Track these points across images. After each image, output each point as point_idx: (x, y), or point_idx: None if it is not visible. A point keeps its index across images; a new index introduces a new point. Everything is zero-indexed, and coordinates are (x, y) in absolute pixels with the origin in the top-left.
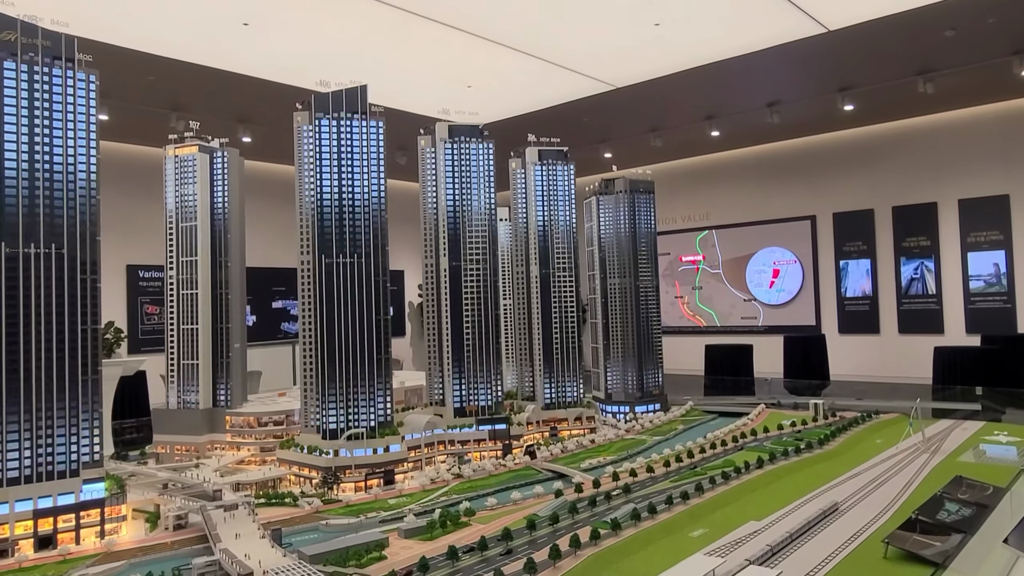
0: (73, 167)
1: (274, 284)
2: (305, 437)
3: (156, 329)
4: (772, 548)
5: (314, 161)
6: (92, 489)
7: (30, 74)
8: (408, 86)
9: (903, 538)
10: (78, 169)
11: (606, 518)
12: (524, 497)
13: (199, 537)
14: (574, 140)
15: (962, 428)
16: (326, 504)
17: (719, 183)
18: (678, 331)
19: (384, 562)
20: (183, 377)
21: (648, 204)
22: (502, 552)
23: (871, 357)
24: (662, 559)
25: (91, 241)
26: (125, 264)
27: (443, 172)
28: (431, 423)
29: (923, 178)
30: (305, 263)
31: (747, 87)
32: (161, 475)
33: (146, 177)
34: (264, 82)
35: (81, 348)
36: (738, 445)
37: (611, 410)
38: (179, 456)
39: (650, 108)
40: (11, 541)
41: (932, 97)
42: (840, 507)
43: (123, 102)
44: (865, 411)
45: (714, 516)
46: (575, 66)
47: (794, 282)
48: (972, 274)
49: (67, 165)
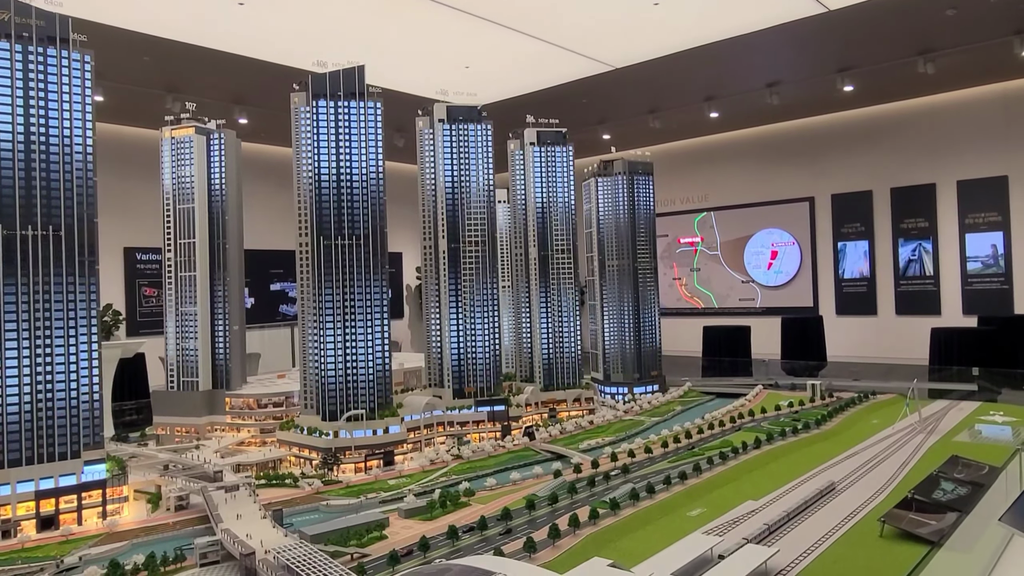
0: (70, 148)
1: (271, 266)
2: (305, 418)
3: (154, 311)
4: (770, 527)
5: (312, 142)
6: (93, 470)
7: (24, 54)
8: (404, 67)
9: (899, 517)
10: (75, 150)
11: (605, 498)
12: (523, 478)
13: (200, 518)
14: (573, 122)
15: (958, 408)
16: (326, 485)
17: (717, 165)
18: (676, 313)
19: (385, 542)
20: (182, 359)
21: (647, 186)
22: (502, 531)
23: (868, 338)
24: (660, 538)
25: (89, 223)
26: (122, 247)
27: (442, 153)
28: (430, 404)
29: (922, 159)
30: (304, 245)
31: (747, 67)
32: (162, 456)
33: (141, 159)
34: (260, 63)
35: (80, 329)
36: (736, 426)
37: (609, 391)
38: (179, 438)
39: (649, 89)
40: (13, 522)
41: (932, 77)
42: (837, 487)
43: (117, 83)
44: (862, 391)
45: (712, 496)
46: (574, 46)
47: (792, 264)
48: (970, 255)
49: (63, 146)
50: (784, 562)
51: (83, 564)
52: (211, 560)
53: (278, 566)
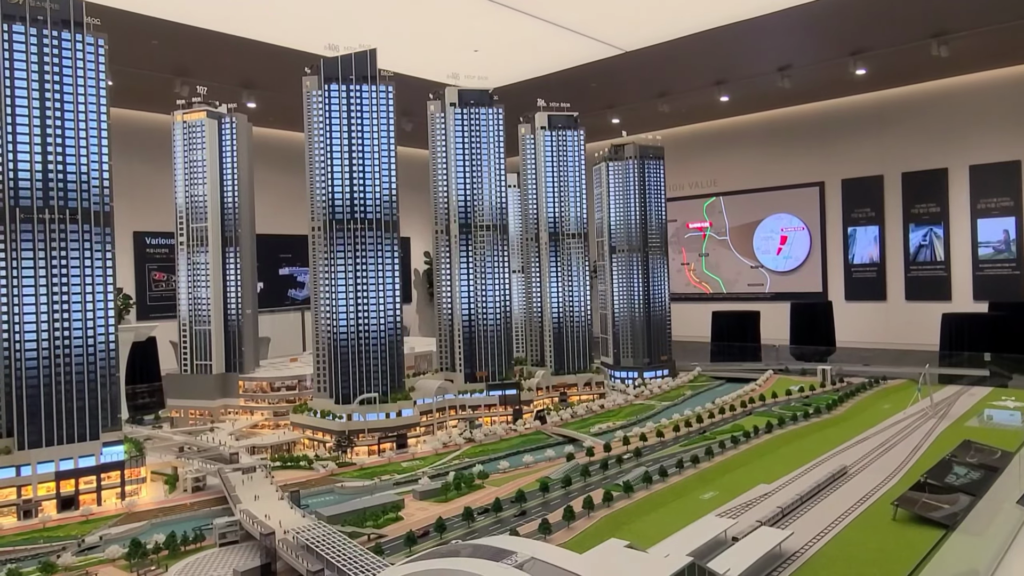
0: (84, 131)
1: (280, 251)
2: (318, 402)
3: (164, 296)
4: (783, 510)
5: (324, 127)
6: (112, 451)
7: (39, 38)
8: (413, 50)
9: (912, 500)
10: (89, 133)
11: (618, 481)
12: (536, 461)
13: (217, 499)
14: (582, 106)
15: (970, 394)
16: (341, 467)
17: (727, 149)
18: (684, 298)
19: (400, 523)
20: (195, 342)
21: (658, 170)
22: (516, 513)
23: (878, 324)
24: (674, 520)
25: (103, 206)
26: (132, 231)
27: (453, 137)
28: (442, 388)
29: (934, 144)
30: (316, 230)
31: (758, 51)
32: (177, 439)
33: (150, 144)
34: (269, 46)
35: (98, 312)
36: (746, 410)
37: (620, 376)
38: (193, 420)
39: (659, 73)
40: (35, 502)
41: (946, 61)
42: (849, 471)
43: (126, 67)
44: (872, 377)
45: (724, 479)
46: (583, 29)
47: (801, 249)
48: (981, 241)
49: (78, 129)
50: (797, 544)
51: (104, 543)
52: (230, 540)
53: (298, 546)
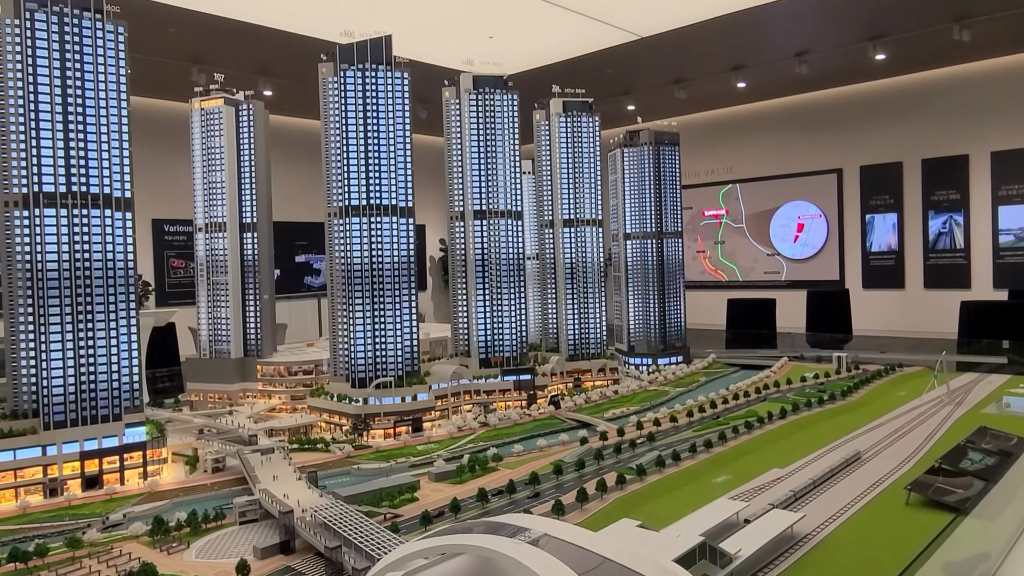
0: (106, 117)
1: (296, 238)
2: (335, 386)
3: (183, 283)
4: (796, 493)
5: (340, 113)
6: (134, 432)
7: (60, 25)
8: (427, 37)
9: (926, 485)
10: (110, 119)
11: (631, 464)
12: (550, 444)
13: (237, 479)
14: (597, 92)
15: (987, 381)
16: (357, 450)
17: (743, 136)
18: (700, 285)
19: (416, 503)
20: (213, 327)
21: (673, 156)
22: (530, 495)
23: (895, 312)
24: (687, 503)
25: (124, 192)
26: (150, 218)
27: (468, 123)
28: (457, 373)
29: (955, 130)
30: (333, 216)
31: (775, 36)
32: (197, 421)
33: (167, 131)
34: (285, 34)
35: (120, 297)
36: (761, 396)
37: (634, 362)
38: (212, 403)
39: (675, 58)
40: (60, 481)
41: (967, 45)
42: (863, 456)
43: (143, 54)
44: (888, 364)
45: (737, 464)
46: (598, 15)
47: (818, 236)
48: (1002, 228)
49: (99, 116)
50: (810, 527)
51: (127, 520)
52: (250, 518)
53: (316, 524)
